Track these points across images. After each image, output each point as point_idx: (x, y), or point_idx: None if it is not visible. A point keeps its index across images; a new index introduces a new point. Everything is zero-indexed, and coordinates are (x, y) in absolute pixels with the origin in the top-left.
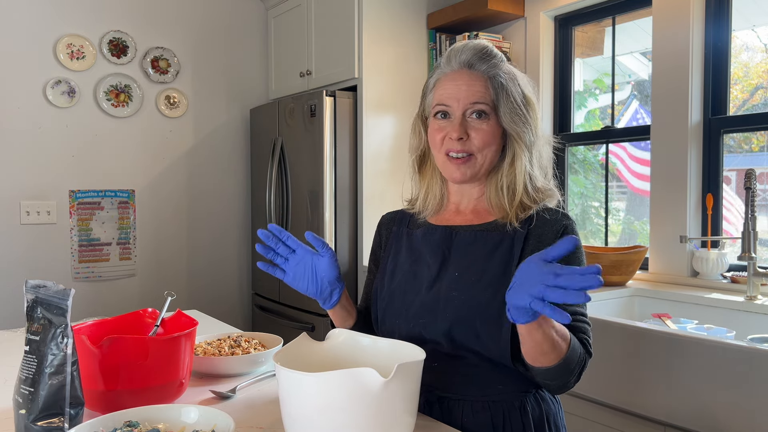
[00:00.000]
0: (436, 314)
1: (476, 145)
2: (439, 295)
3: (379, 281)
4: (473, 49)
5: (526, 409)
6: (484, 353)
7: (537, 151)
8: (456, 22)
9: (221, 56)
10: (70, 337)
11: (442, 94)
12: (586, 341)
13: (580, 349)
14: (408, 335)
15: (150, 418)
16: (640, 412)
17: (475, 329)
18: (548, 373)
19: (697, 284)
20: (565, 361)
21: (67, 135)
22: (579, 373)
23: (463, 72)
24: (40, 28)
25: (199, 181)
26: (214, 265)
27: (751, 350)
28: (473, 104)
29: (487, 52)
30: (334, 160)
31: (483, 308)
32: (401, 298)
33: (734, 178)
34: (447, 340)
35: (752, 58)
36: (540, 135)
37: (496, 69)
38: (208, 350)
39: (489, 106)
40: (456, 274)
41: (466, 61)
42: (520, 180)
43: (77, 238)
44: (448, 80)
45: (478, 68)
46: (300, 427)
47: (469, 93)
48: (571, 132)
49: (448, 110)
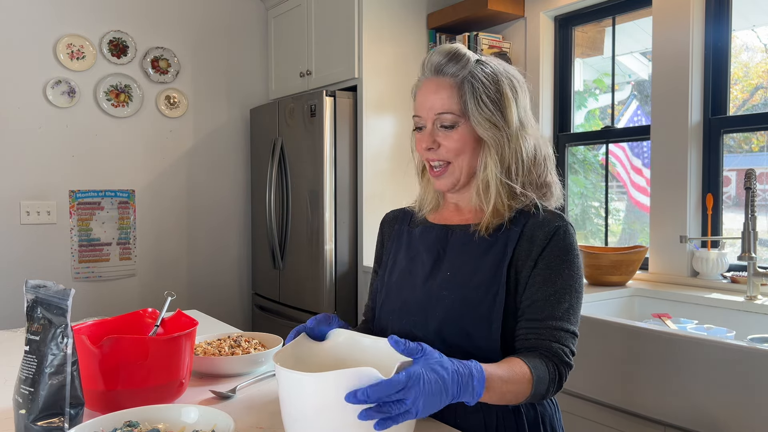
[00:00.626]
0: (427, 313)
1: (447, 155)
2: (430, 293)
3: (379, 279)
4: (441, 52)
5: (520, 411)
6: (475, 352)
7: (513, 152)
8: (456, 22)
9: (221, 56)
10: (70, 337)
11: (416, 104)
12: (561, 351)
13: (547, 373)
14: (400, 333)
15: (150, 418)
16: (640, 412)
17: (465, 328)
18: (527, 401)
19: (697, 284)
20: (536, 391)
21: (67, 135)
22: (559, 384)
23: (432, 80)
24: (40, 28)
25: (199, 181)
26: (214, 265)
27: (751, 350)
28: (438, 115)
29: (455, 53)
30: (334, 160)
31: (473, 307)
32: (396, 294)
33: (734, 178)
34: (438, 339)
35: (752, 58)
36: (517, 134)
37: (465, 70)
38: (208, 350)
39: (455, 114)
40: (448, 273)
41: (435, 65)
42: (492, 183)
43: (77, 238)
44: (421, 90)
45: (447, 71)
46: (300, 427)
47: (435, 103)
48: (571, 132)
49: (420, 122)
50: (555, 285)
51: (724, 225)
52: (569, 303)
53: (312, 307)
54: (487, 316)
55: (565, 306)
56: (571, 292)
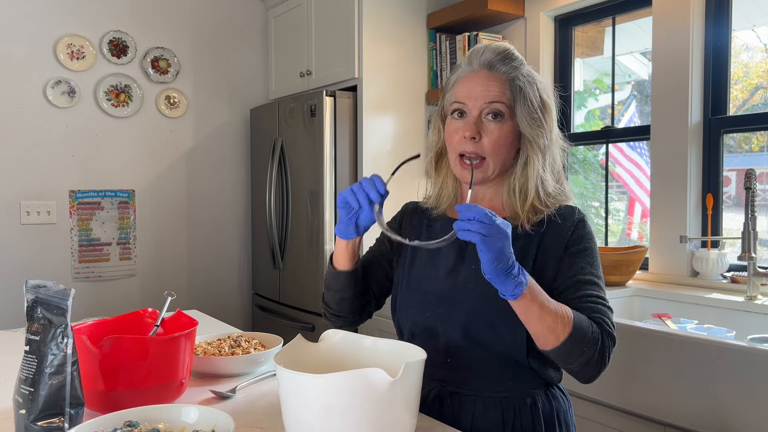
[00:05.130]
0: (453, 305)
1: (487, 148)
2: (455, 286)
3: (399, 271)
4: (495, 50)
5: (537, 406)
6: (499, 346)
7: (551, 156)
8: (456, 22)
9: (221, 56)
10: (70, 337)
11: (460, 91)
12: (602, 321)
13: (590, 326)
14: (422, 326)
15: (150, 418)
16: (640, 412)
17: (491, 321)
18: (563, 352)
19: (697, 284)
20: (575, 334)
21: (67, 135)
22: (601, 352)
23: (483, 72)
24: (40, 28)
25: (199, 181)
26: (214, 265)
27: (751, 350)
28: (489, 104)
29: (509, 54)
30: (334, 160)
31: (499, 300)
32: (418, 287)
33: (734, 178)
34: (462, 332)
35: (752, 58)
36: (554, 140)
37: (516, 71)
38: (208, 350)
39: (505, 106)
40: (473, 266)
41: (487, 62)
42: (532, 184)
43: (77, 238)
44: (467, 79)
45: (498, 69)
46: (303, 429)
47: (486, 92)
48: (571, 132)
49: (464, 108)
50: (584, 270)
51: (724, 225)
52: (600, 284)
53: (312, 307)
54: (512, 310)
55: (597, 285)
56: (599, 273)
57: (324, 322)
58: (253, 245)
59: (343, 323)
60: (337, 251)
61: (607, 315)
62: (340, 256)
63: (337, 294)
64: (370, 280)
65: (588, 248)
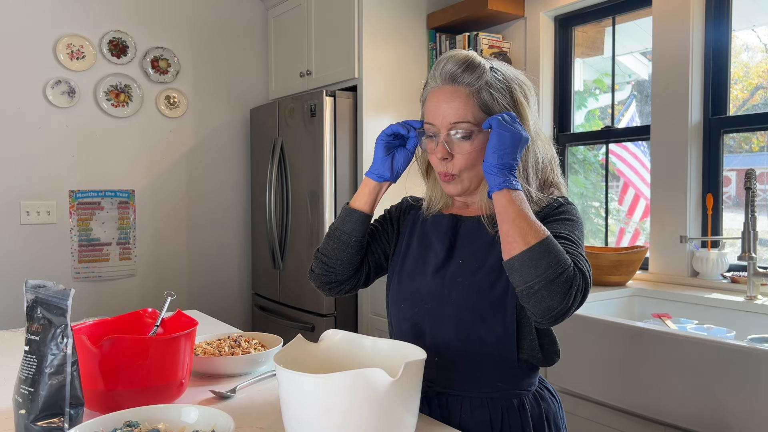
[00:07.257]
0: (442, 299)
1: (459, 166)
2: (444, 281)
3: (392, 266)
4: (456, 61)
5: (525, 408)
6: (489, 340)
7: (533, 154)
8: (456, 22)
9: (221, 56)
10: (70, 337)
11: (428, 110)
12: (576, 260)
13: (565, 253)
14: (412, 321)
15: (150, 418)
16: (640, 412)
17: (481, 313)
18: (528, 258)
19: (697, 284)
20: (545, 244)
21: (67, 135)
22: (569, 281)
23: (447, 88)
24: (40, 28)
25: (199, 181)
26: (214, 265)
27: (751, 350)
28: (453, 124)
29: (470, 62)
30: (334, 160)
31: (487, 292)
32: (408, 282)
33: (734, 178)
34: (453, 326)
35: (752, 58)
36: (534, 136)
37: (479, 81)
38: (208, 350)
39: (471, 123)
40: (460, 261)
41: (449, 75)
42: None
43: (77, 238)
44: (433, 96)
45: (462, 81)
46: (303, 429)
47: (449, 112)
48: (571, 132)
49: (432, 129)
50: (560, 233)
51: (724, 225)
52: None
53: (312, 307)
54: (501, 301)
55: (575, 243)
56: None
57: (324, 321)
58: (253, 245)
59: (328, 281)
60: (359, 193)
61: (582, 259)
62: (362, 196)
63: (343, 237)
64: (370, 249)
65: (568, 219)
